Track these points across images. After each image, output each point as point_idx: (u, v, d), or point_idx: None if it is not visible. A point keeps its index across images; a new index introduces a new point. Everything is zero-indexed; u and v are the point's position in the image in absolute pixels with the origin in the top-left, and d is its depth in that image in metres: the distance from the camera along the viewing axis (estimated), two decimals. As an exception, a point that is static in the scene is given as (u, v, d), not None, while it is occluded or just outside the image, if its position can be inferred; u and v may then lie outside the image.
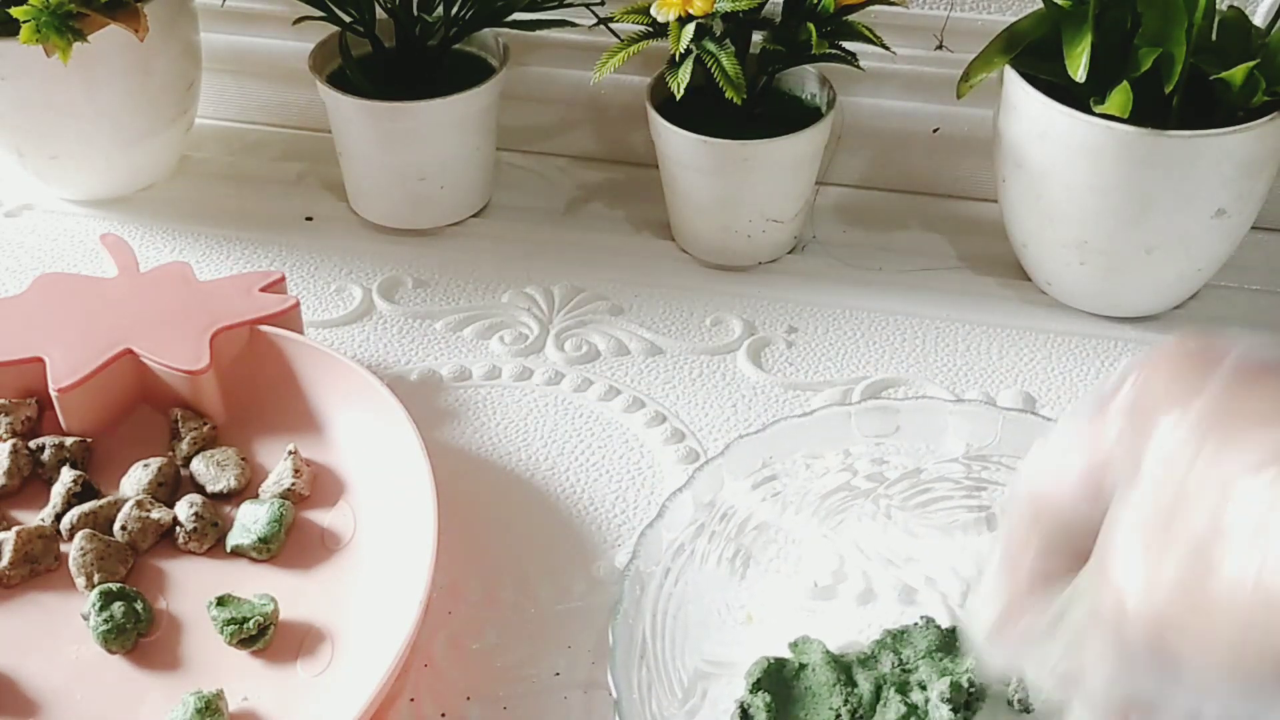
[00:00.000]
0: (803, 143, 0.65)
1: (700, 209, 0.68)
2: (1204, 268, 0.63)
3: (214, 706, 0.45)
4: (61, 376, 0.55)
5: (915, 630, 0.47)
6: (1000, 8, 0.70)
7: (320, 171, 0.77)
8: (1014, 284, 0.68)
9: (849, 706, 0.45)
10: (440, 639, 0.50)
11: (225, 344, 0.57)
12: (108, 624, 0.48)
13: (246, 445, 0.57)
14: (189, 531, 0.52)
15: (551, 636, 0.50)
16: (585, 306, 0.67)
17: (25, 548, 0.51)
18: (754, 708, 0.44)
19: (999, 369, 0.63)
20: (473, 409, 0.61)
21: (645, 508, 0.55)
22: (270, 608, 0.49)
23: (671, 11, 0.61)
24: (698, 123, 0.65)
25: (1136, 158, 0.58)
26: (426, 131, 0.68)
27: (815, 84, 0.69)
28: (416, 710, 0.47)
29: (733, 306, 0.67)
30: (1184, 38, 0.57)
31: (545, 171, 0.78)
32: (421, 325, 0.66)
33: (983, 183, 0.74)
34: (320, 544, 0.53)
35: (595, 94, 0.76)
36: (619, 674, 0.43)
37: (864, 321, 0.66)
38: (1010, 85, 0.62)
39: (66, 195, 0.75)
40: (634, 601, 0.45)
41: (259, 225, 0.73)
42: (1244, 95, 0.57)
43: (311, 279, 0.69)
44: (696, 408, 0.61)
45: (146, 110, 0.71)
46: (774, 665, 0.46)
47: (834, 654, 0.46)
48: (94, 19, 0.64)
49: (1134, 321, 0.65)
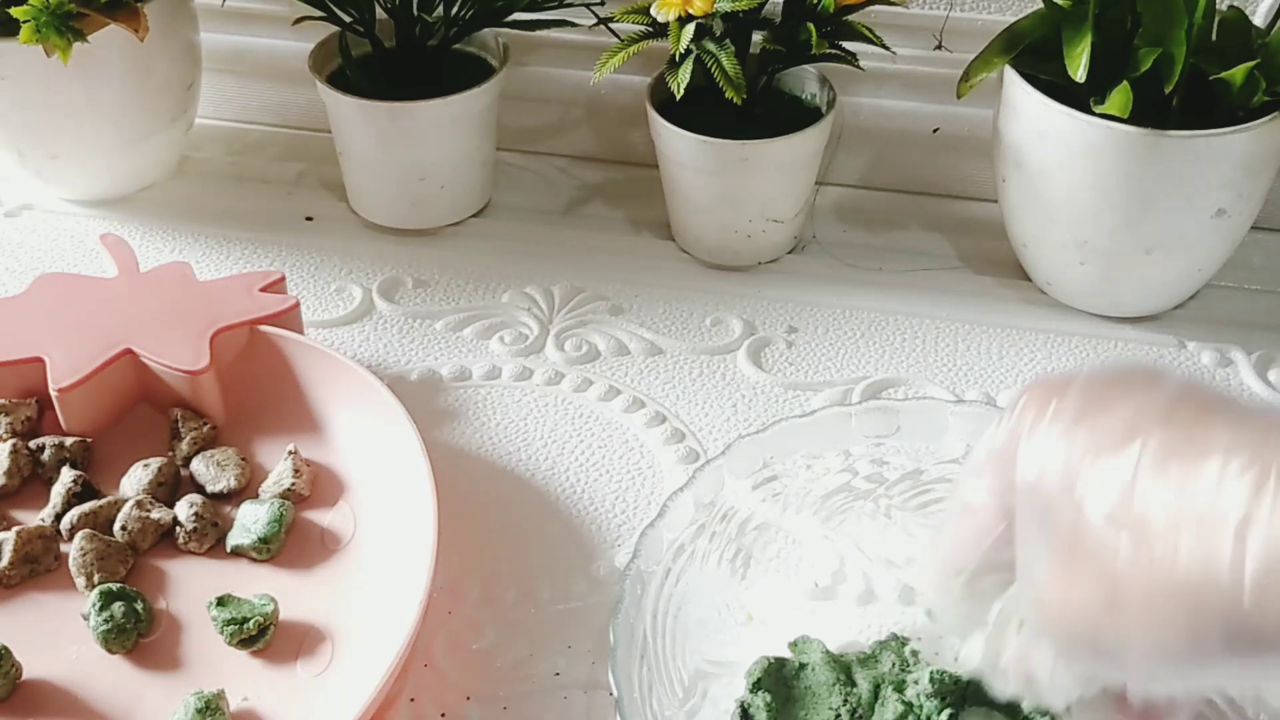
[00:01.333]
0: (803, 143, 0.65)
1: (700, 209, 0.68)
2: (1204, 268, 0.63)
3: (214, 706, 0.45)
4: (61, 376, 0.55)
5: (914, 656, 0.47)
6: (1000, 8, 0.70)
7: (320, 171, 0.77)
8: (1014, 284, 0.68)
9: (848, 706, 0.45)
10: (440, 639, 0.50)
11: (225, 344, 0.57)
12: (108, 624, 0.48)
13: (246, 445, 0.57)
14: (189, 531, 0.52)
15: (551, 636, 0.50)
16: (585, 306, 0.67)
17: (25, 548, 0.51)
18: (754, 707, 0.44)
19: (999, 369, 0.63)
20: (473, 409, 0.61)
21: (645, 508, 0.55)
22: (270, 608, 0.49)
23: (671, 11, 0.61)
24: (698, 123, 0.65)
25: (1136, 158, 0.58)
26: (426, 131, 0.68)
27: (815, 84, 0.69)
28: (416, 710, 0.47)
29: (733, 306, 0.67)
30: (1184, 38, 0.57)
31: (545, 171, 0.78)
32: (421, 325, 0.66)
33: (983, 183, 0.74)
34: (320, 544, 0.53)
35: (595, 94, 0.76)
36: (620, 673, 0.43)
37: (864, 321, 0.66)
38: (1010, 85, 0.62)
39: (66, 195, 0.75)
40: (635, 601, 0.45)
41: (259, 225, 0.73)
42: (1244, 95, 0.57)
43: (311, 279, 0.69)
44: (696, 408, 0.61)
45: (146, 110, 0.71)
46: (774, 665, 0.46)
47: (834, 654, 0.46)
48: (94, 19, 0.64)
49: (1134, 321, 0.65)
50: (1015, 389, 0.61)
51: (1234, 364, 0.63)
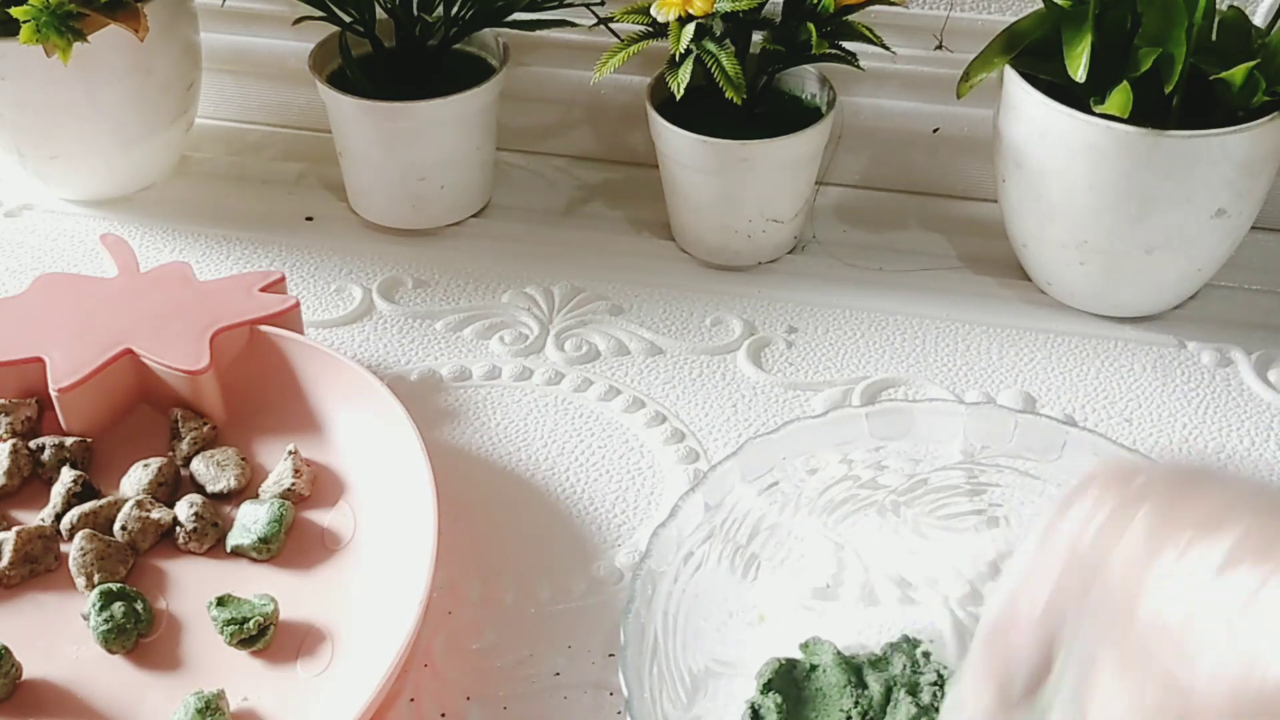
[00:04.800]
0: (803, 143, 0.65)
1: (700, 209, 0.68)
2: (1204, 268, 0.63)
3: (214, 706, 0.45)
4: (61, 376, 0.55)
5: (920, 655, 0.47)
6: (1000, 8, 0.70)
7: (320, 171, 0.77)
8: (1014, 284, 0.68)
9: (859, 708, 0.45)
10: (440, 639, 0.50)
11: (225, 344, 0.57)
12: (108, 624, 0.48)
13: (246, 445, 0.57)
14: (189, 531, 0.52)
15: (551, 636, 0.50)
16: (585, 306, 0.67)
17: (25, 548, 0.51)
18: (765, 708, 0.44)
19: (999, 369, 0.63)
20: (473, 409, 0.61)
21: (645, 508, 0.56)
22: (270, 608, 0.49)
23: (671, 11, 0.61)
24: (698, 123, 0.65)
25: (1136, 158, 0.58)
26: (426, 131, 0.68)
27: (815, 84, 0.69)
28: (416, 710, 0.47)
29: (733, 306, 0.67)
30: (1184, 38, 0.57)
31: (545, 171, 0.78)
32: (421, 325, 0.66)
33: (983, 183, 0.74)
34: (320, 544, 0.53)
35: (595, 94, 0.76)
36: (630, 673, 0.43)
37: (864, 321, 0.66)
38: (1010, 85, 0.62)
39: (66, 195, 0.75)
40: (645, 601, 0.45)
41: (259, 225, 0.73)
42: (1244, 95, 0.57)
43: (311, 279, 0.69)
44: (696, 408, 0.61)
45: (146, 110, 0.71)
46: (785, 666, 0.46)
47: (845, 655, 0.46)
48: (94, 19, 0.64)
49: (1134, 321, 0.65)
50: (1015, 389, 0.61)
51: (1234, 364, 0.63)
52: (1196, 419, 0.60)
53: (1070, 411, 0.60)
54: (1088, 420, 0.60)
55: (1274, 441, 0.59)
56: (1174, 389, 0.62)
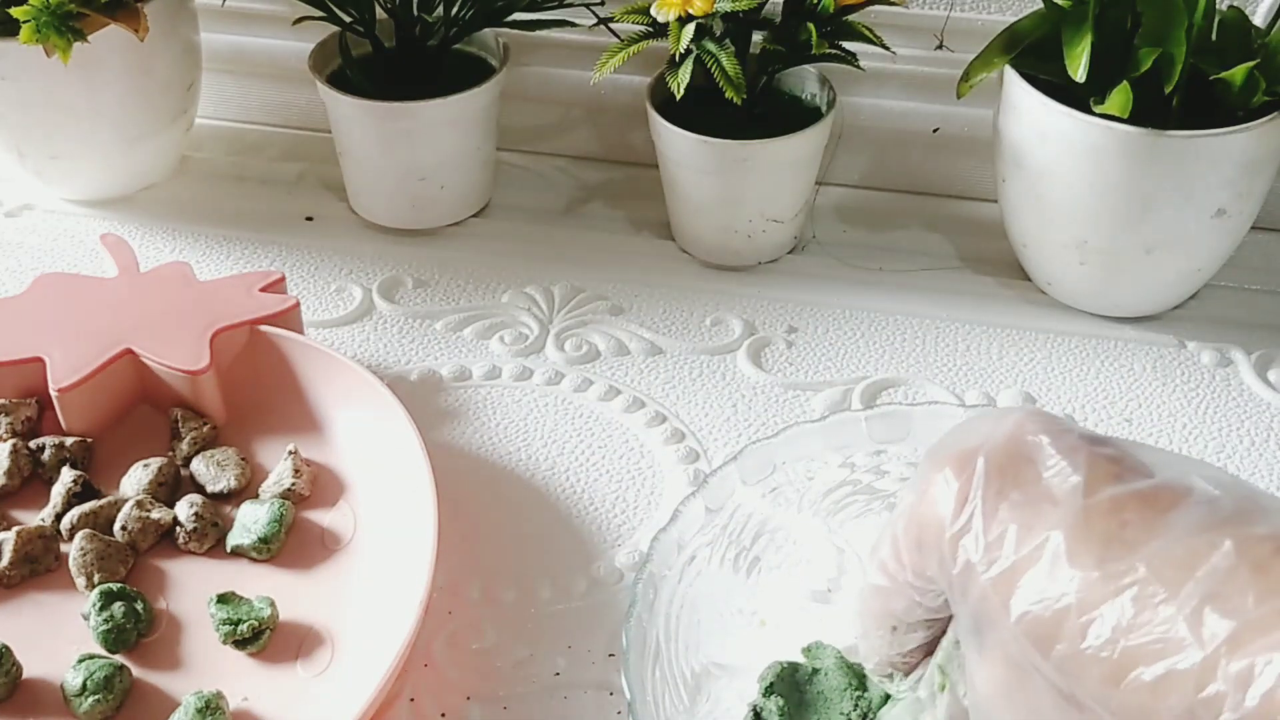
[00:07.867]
0: (803, 143, 0.65)
1: (700, 209, 0.68)
2: (1204, 268, 0.63)
3: (214, 706, 0.45)
4: (61, 376, 0.55)
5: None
6: (1000, 8, 0.70)
7: (320, 171, 0.77)
8: (1014, 284, 0.68)
9: (859, 710, 0.45)
10: (440, 639, 0.50)
11: (225, 344, 0.57)
12: (108, 624, 0.48)
13: (246, 445, 0.57)
14: (189, 531, 0.52)
15: (551, 636, 0.50)
16: (585, 306, 0.67)
17: (25, 548, 0.51)
18: (766, 711, 0.44)
19: (999, 369, 0.63)
20: (473, 409, 0.61)
21: (645, 508, 0.56)
22: (267, 612, 0.48)
23: (671, 11, 0.61)
24: (698, 123, 0.65)
25: (1136, 158, 0.58)
26: (426, 131, 0.68)
27: (815, 84, 0.69)
28: (416, 710, 0.47)
29: (733, 306, 0.67)
30: (1184, 38, 0.57)
31: (545, 171, 0.78)
32: (421, 325, 0.66)
33: (983, 183, 0.74)
34: (320, 544, 0.53)
35: (595, 94, 0.76)
36: (632, 676, 0.43)
37: (864, 321, 0.66)
38: (1010, 85, 0.62)
39: (66, 195, 0.75)
40: (647, 605, 0.45)
41: (259, 225, 0.73)
42: (1244, 95, 0.57)
43: (311, 279, 0.69)
44: (696, 408, 0.61)
45: (146, 110, 0.71)
46: (787, 669, 0.46)
47: (847, 659, 0.46)
48: (94, 19, 0.64)
49: (1134, 321, 0.65)
50: (1015, 389, 0.61)
51: (1234, 364, 0.63)
52: (1196, 419, 0.60)
53: (1070, 411, 0.60)
54: (1088, 420, 0.60)
55: (1274, 441, 0.59)
56: (1174, 389, 0.62)
